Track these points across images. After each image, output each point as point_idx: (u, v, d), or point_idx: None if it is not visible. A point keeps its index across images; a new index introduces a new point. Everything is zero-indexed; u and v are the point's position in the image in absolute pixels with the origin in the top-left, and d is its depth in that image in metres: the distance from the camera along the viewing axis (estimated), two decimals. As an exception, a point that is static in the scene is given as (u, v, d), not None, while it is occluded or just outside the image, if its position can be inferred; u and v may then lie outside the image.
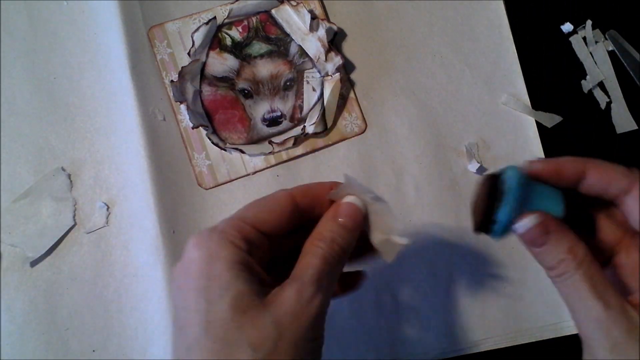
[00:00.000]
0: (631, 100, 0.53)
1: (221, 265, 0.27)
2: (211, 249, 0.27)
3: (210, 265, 0.27)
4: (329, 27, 0.51)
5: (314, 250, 0.29)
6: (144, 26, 0.52)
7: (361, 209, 0.31)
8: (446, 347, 0.48)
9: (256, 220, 0.29)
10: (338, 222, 0.30)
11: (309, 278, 0.28)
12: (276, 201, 0.30)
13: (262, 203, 0.31)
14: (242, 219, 0.29)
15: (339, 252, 0.30)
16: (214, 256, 0.27)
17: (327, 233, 0.30)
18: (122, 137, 0.50)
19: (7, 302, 0.48)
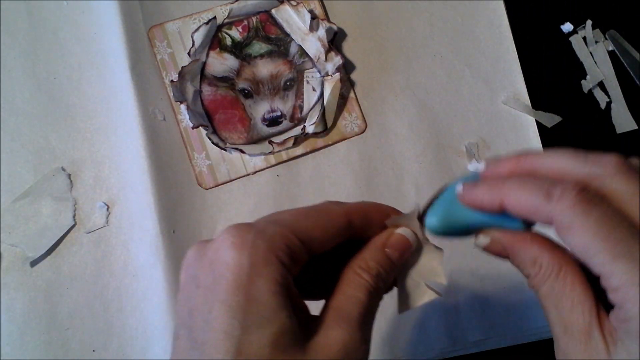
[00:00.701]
0: (631, 100, 0.53)
1: (265, 286, 0.22)
2: (255, 259, 0.23)
3: (251, 281, 0.22)
4: (329, 27, 0.51)
5: (359, 281, 0.26)
6: (144, 26, 0.52)
7: (412, 245, 0.28)
8: (446, 347, 0.48)
9: (307, 236, 0.25)
10: (385, 252, 0.27)
11: (356, 319, 0.24)
12: (331, 218, 0.26)
13: (315, 216, 0.26)
14: (293, 230, 0.24)
15: (382, 289, 0.27)
16: (257, 270, 0.22)
17: (373, 263, 0.27)
18: (122, 137, 0.50)
19: (7, 302, 0.48)
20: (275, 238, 0.24)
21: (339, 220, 0.26)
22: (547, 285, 0.24)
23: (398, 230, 0.28)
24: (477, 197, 0.26)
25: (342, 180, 0.51)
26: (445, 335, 0.48)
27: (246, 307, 0.22)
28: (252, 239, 0.23)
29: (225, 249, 0.23)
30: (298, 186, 0.51)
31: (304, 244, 0.24)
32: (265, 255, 0.23)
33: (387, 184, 0.51)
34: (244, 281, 0.22)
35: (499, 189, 0.25)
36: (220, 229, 0.52)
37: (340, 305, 0.25)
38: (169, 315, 0.46)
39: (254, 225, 0.24)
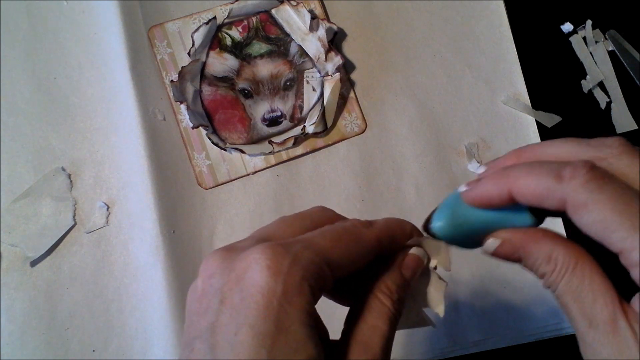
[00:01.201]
0: (631, 100, 0.53)
1: (296, 315, 0.22)
2: (289, 287, 0.22)
3: (282, 310, 0.21)
4: (329, 27, 0.51)
5: (380, 308, 0.25)
6: (144, 26, 0.52)
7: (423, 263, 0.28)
8: (446, 347, 0.48)
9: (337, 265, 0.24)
10: (402, 274, 0.27)
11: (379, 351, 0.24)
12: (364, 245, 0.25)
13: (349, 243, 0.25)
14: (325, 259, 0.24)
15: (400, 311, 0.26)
16: (289, 298, 0.22)
17: (394, 287, 0.26)
18: (122, 137, 0.50)
19: (7, 302, 0.48)
20: (310, 267, 0.23)
21: (370, 248, 0.26)
22: (564, 280, 0.23)
23: (412, 251, 0.28)
24: (483, 191, 0.25)
25: (342, 180, 0.51)
26: (445, 335, 0.48)
27: (275, 335, 0.21)
28: (288, 265, 0.22)
29: (258, 270, 0.22)
30: (298, 186, 0.51)
31: (332, 271, 0.24)
32: (300, 283, 0.22)
33: (387, 184, 0.51)
34: (275, 308, 0.21)
35: (505, 178, 0.24)
36: (221, 229, 0.52)
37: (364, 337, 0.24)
38: (169, 315, 0.46)
39: (289, 249, 0.23)
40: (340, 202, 0.50)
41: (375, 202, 0.50)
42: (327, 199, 0.50)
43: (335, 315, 0.27)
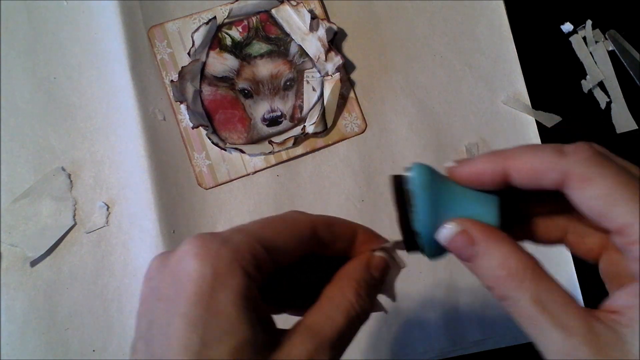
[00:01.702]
0: (631, 100, 0.53)
1: (227, 298, 0.21)
2: (219, 270, 0.21)
3: (213, 293, 0.21)
4: (329, 27, 0.51)
5: (340, 299, 0.25)
6: (144, 26, 0.52)
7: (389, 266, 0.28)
8: (446, 347, 0.48)
9: (272, 244, 0.24)
10: (371, 273, 0.26)
11: (327, 340, 0.23)
12: (296, 227, 0.25)
13: (280, 225, 0.25)
14: (258, 239, 0.23)
15: (368, 310, 0.25)
16: (220, 281, 0.21)
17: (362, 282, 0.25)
18: (122, 137, 0.50)
19: (7, 302, 0.48)
20: (241, 247, 0.22)
21: (303, 230, 0.25)
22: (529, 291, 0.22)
23: (377, 253, 0.27)
24: (476, 168, 0.24)
25: (342, 180, 0.51)
26: (445, 335, 0.48)
27: (206, 320, 0.21)
28: (217, 248, 0.22)
29: (188, 259, 0.22)
30: (298, 186, 0.51)
31: (269, 253, 0.23)
32: (230, 265, 0.22)
33: (387, 184, 0.51)
34: (205, 293, 0.21)
35: (502, 156, 0.23)
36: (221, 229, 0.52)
37: (314, 323, 0.24)
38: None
39: (218, 235, 0.23)
40: (340, 202, 0.50)
41: (375, 202, 0.50)
42: (327, 199, 0.50)
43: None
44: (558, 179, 0.22)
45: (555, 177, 0.22)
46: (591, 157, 0.22)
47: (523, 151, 0.23)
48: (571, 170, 0.22)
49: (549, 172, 0.22)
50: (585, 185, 0.21)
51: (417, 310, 0.49)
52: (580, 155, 0.22)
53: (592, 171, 0.21)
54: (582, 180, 0.22)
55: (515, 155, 0.23)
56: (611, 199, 0.21)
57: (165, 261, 0.23)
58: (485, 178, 0.24)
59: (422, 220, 0.24)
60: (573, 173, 0.22)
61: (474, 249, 0.23)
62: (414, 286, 0.49)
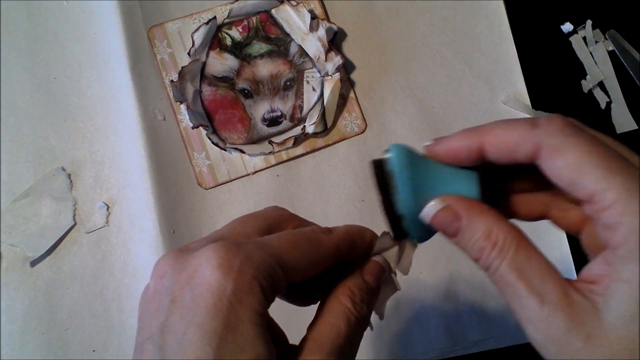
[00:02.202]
0: (631, 100, 0.53)
1: (245, 314, 0.21)
2: (239, 286, 0.22)
3: (232, 308, 0.21)
4: (329, 27, 0.51)
5: (340, 309, 0.25)
6: (144, 26, 0.52)
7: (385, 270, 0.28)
8: (446, 347, 0.48)
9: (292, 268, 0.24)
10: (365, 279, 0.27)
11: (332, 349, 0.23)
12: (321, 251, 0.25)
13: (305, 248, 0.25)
14: (278, 261, 0.23)
15: (366, 316, 0.26)
16: (240, 297, 0.21)
17: (356, 290, 0.26)
18: (122, 137, 0.50)
19: (7, 302, 0.48)
20: (262, 267, 0.22)
21: (327, 254, 0.25)
22: (509, 258, 0.22)
23: (374, 258, 0.28)
24: (452, 144, 0.25)
25: (342, 180, 0.51)
26: (445, 335, 0.48)
27: (223, 334, 0.21)
28: (240, 264, 0.22)
29: (209, 269, 0.22)
30: (298, 186, 0.51)
31: (286, 275, 0.23)
32: (250, 283, 0.22)
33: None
34: (225, 307, 0.21)
35: (477, 132, 0.24)
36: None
37: (318, 334, 0.24)
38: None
39: (243, 248, 0.23)
40: (340, 202, 0.50)
41: (375, 202, 0.50)
42: (327, 199, 0.50)
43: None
44: (531, 151, 0.22)
45: (528, 150, 0.22)
46: (563, 128, 0.22)
47: (497, 126, 0.23)
48: (542, 142, 0.22)
49: (521, 144, 0.22)
50: (555, 155, 0.22)
51: (417, 310, 0.49)
52: (552, 127, 0.22)
53: (562, 141, 0.22)
54: (553, 150, 0.22)
55: (490, 130, 0.24)
56: (580, 167, 0.21)
57: (182, 263, 0.23)
58: (461, 154, 0.24)
59: (405, 199, 0.24)
60: (544, 144, 0.22)
61: (458, 223, 0.24)
62: (414, 286, 0.49)
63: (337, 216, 0.50)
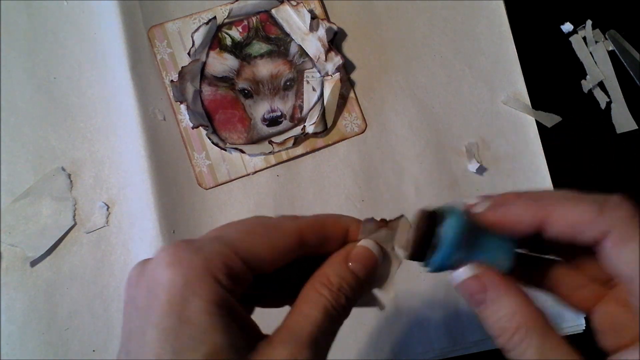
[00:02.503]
0: (631, 100, 0.53)
1: (198, 306, 0.21)
2: (189, 280, 0.22)
3: (184, 303, 0.21)
4: (329, 27, 0.51)
5: (316, 297, 0.24)
6: (144, 26, 0.52)
7: (377, 259, 0.26)
8: (446, 347, 0.48)
9: (251, 255, 0.23)
10: (348, 266, 0.25)
11: (305, 338, 0.23)
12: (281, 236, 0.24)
13: (263, 234, 0.24)
14: (235, 249, 0.23)
15: (344, 305, 0.25)
16: (191, 290, 0.21)
17: (334, 278, 0.25)
18: (122, 137, 0.50)
19: (7, 302, 0.48)
20: (213, 256, 0.22)
21: (289, 239, 0.24)
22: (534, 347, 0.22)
23: (360, 243, 0.26)
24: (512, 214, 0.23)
25: (342, 180, 0.51)
26: (445, 335, 0.48)
27: (178, 329, 0.21)
28: (188, 257, 0.22)
29: (160, 268, 0.22)
30: (298, 186, 0.51)
31: (247, 263, 0.23)
32: (201, 273, 0.22)
33: (387, 184, 0.51)
34: (177, 302, 0.21)
35: (541, 204, 0.23)
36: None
37: (292, 324, 0.23)
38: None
39: (192, 243, 0.23)
40: (340, 202, 0.50)
41: (375, 202, 0.50)
42: (327, 199, 0.50)
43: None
44: (596, 237, 0.22)
45: (594, 235, 0.22)
46: (633, 217, 0.21)
47: (561, 202, 0.22)
48: (611, 229, 0.21)
49: (588, 228, 0.22)
50: (623, 245, 0.21)
51: (417, 310, 0.49)
52: (622, 213, 0.22)
53: (632, 232, 0.21)
54: (621, 239, 0.21)
55: (554, 206, 0.22)
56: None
57: (143, 270, 0.23)
58: (521, 227, 0.23)
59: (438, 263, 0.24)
60: (614, 232, 0.21)
61: (484, 295, 0.23)
62: (414, 286, 0.49)
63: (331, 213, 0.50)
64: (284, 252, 0.24)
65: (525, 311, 0.23)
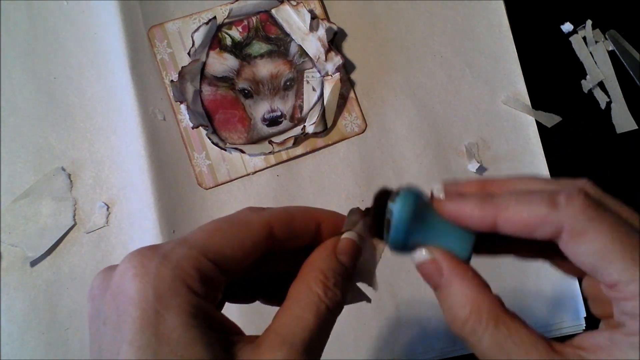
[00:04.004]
0: (631, 100, 0.53)
1: (174, 320, 0.20)
2: (161, 290, 0.20)
3: (158, 317, 0.20)
4: (329, 27, 0.51)
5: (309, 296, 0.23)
6: (144, 26, 0.52)
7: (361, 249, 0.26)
8: (446, 347, 0.48)
9: (219, 255, 0.22)
10: (338, 259, 0.25)
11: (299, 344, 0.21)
12: (248, 231, 0.23)
13: (230, 231, 0.23)
14: (202, 252, 0.22)
15: (340, 302, 0.24)
16: (164, 304, 0.20)
17: (329, 272, 0.24)
18: (122, 137, 0.50)
19: (7, 302, 0.48)
20: (183, 263, 0.21)
21: (256, 233, 0.23)
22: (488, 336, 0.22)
23: (345, 235, 0.26)
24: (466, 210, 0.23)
25: (342, 180, 0.51)
26: (445, 335, 0.48)
27: (156, 346, 0.19)
28: (156, 266, 0.21)
29: (127, 280, 0.21)
30: (298, 186, 0.51)
31: (217, 264, 0.22)
32: (172, 284, 0.20)
33: (387, 184, 0.51)
34: (150, 317, 0.20)
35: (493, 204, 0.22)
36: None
37: (283, 327, 0.22)
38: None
39: (158, 250, 0.21)
40: (340, 202, 0.50)
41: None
42: (327, 199, 0.50)
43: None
44: (551, 234, 0.21)
45: (548, 232, 0.21)
46: (585, 210, 0.21)
47: (513, 201, 0.22)
48: (565, 224, 0.21)
49: (540, 226, 0.21)
50: (578, 240, 0.21)
51: (417, 310, 0.49)
52: (575, 208, 0.21)
53: (587, 225, 0.21)
54: (576, 235, 0.21)
55: (506, 205, 0.22)
56: (604, 256, 0.20)
57: (107, 280, 0.22)
58: (472, 222, 0.23)
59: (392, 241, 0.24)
60: (567, 227, 0.21)
61: (440, 280, 0.23)
62: (414, 286, 0.49)
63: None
64: (254, 247, 0.23)
65: (479, 298, 0.22)
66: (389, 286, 0.49)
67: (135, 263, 0.21)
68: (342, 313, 0.24)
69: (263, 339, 0.22)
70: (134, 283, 0.20)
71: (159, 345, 0.20)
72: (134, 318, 0.20)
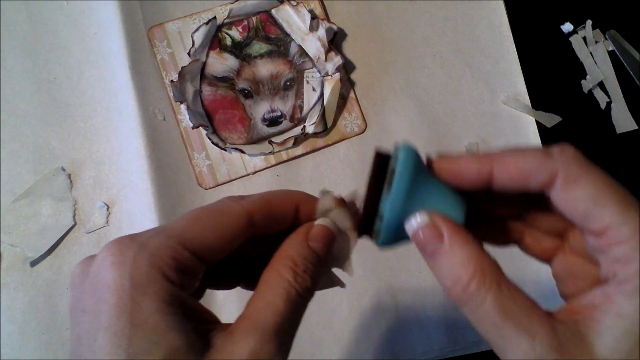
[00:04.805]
0: (631, 100, 0.53)
1: (149, 307, 0.20)
2: (137, 278, 0.21)
3: (135, 303, 0.20)
4: (329, 27, 0.51)
5: (279, 282, 0.23)
6: (144, 26, 0.52)
7: (335, 236, 0.26)
8: (446, 347, 0.48)
9: (200, 245, 0.22)
10: (310, 246, 0.25)
11: (270, 329, 0.22)
12: (228, 222, 0.23)
13: (208, 220, 0.23)
14: (181, 240, 0.22)
15: (309, 287, 0.24)
16: (140, 290, 0.20)
17: (298, 259, 0.24)
18: (122, 137, 0.50)
19: (7, 302, 0.48)
20: (159, 252, 0.21)
21: (236, 222, 0.23)
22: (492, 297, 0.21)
23: (318, 222, 0.26)
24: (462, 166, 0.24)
25: (342, 180, 0.51)
26: (445, 335, 0.48)
27: (131, 332, 0.20)
28: (133, 255, 0.21)
29: (105, 268, 0.21)
30: (298, 186, 0.51)
31: (196, 253, 0.22)
32: (148, 272, 0.21)
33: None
34: (127, 304, 0.20)
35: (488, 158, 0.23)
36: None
37: (255, 313, 0.22)
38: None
39: (136, 239, 0.22)
40: (340, 202, 0.50)
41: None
42: (327, 199, 0.50)
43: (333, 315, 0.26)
44: (545, 181, 0.22)
45: (543, 179, 0.22)
46: (577, 158, 0.22)
47: (508, 153, 0.23)
48: (559, 171, 0.22)
49: (536, 173, 0.22)
50: (572, 186, 0.22)
51: (417, 310, 0.49)
52: (566, 156, 0.22)
53: (579, 172, 0.22)
54: (570, 180, 0.22)
55: (501, 157, 0.23)
56: (597, 199, 0.21)
57: (86, 269, 0.22)
58: (469, 177, 0.23)
59: (395, 202, 0.23)
60: (561, 173, 0.22)
61: (439, 244, 0.23)
62: (414, 286, 0.49)
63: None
64: (233, 237, 0.23)
65: (481, 259, 0.22)
66: (389, 287, 0.49)
67: (114, 251, 0.21)
68: (343, 313, 0.24)
69: (236, 326, 0.22)
70: (112, 271, 0.21)
71: (134, 331, 0.20)
72: (111, 305, 0.20)
